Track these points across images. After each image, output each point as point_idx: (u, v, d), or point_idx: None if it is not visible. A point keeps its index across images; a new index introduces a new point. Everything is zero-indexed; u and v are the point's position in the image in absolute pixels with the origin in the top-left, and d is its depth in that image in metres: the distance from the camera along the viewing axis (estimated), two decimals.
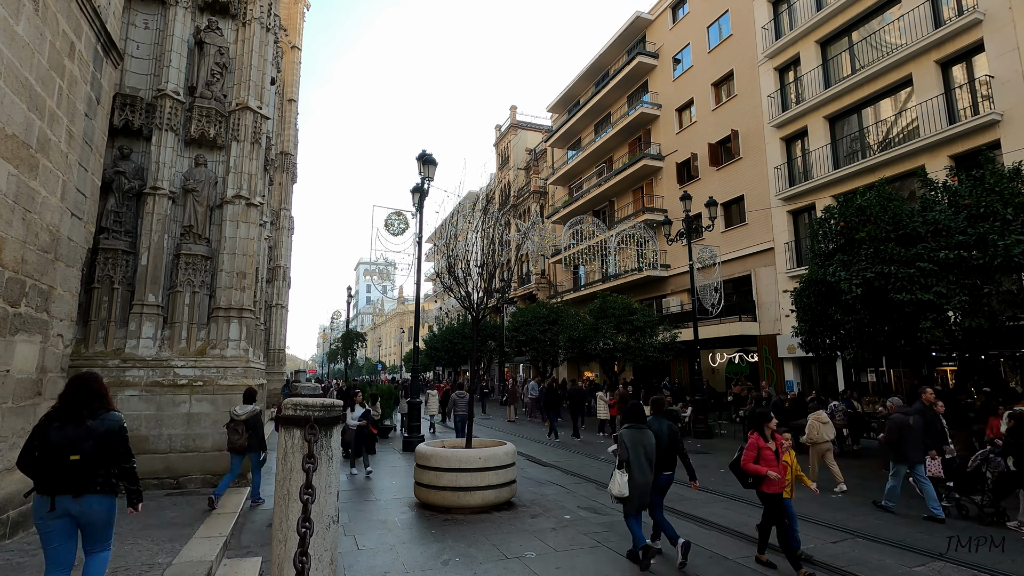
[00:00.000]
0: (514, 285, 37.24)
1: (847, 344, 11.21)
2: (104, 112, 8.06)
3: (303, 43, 26.35)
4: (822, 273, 10.78)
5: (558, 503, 8.29)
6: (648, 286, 25.68)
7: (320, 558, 3.42)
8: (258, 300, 12.21)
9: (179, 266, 9.10)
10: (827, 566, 5.60)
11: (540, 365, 26.92)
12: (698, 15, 24.56)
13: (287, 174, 23.64)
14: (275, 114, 17.97)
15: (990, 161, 10.36)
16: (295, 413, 3.55)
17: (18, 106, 5.42)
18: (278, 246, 22.57)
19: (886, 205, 10.36)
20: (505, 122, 43.73)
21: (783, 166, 19.78)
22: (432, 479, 7.73)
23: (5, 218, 5.25)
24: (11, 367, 5.45)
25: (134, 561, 4.97)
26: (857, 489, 9.33)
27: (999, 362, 14.14)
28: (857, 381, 16.86)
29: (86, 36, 6.94)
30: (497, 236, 10.06)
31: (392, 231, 18.68)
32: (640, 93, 28.47)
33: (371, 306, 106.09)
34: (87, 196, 7.43)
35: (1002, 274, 9.18)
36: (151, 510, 6.89)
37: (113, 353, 8.46)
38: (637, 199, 27.51)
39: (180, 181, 9.39)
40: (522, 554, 5.94)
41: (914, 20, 15.85)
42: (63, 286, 6.67)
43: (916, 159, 15.25)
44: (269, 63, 10.79)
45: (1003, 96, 13.68)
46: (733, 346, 21.32)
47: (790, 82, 20.25)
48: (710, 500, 8.56)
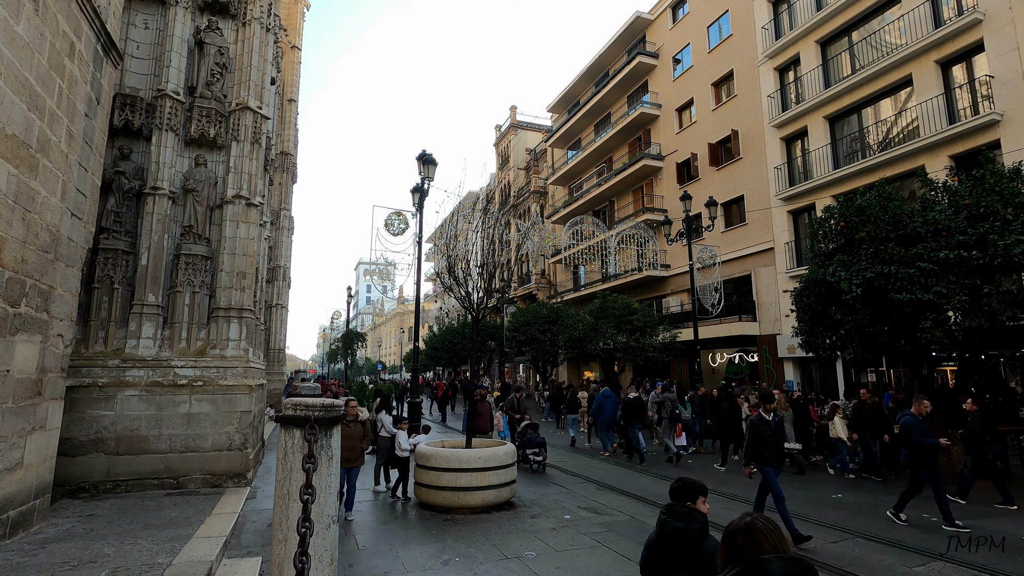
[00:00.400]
0: (514, 285, 37.24)
1: (847, 344, 11.21)
2: (104, 112, 8.05)
3: (303, 43, 26.35)
4: (822, 273, 10.78)
5: (558, 503, 8.29)
6: (648, 286, 25.67)
7: (320, 558, 3.42)
8: (258, 300, 12.20)
9: (179, 266, 9.10)
10: (827, 566, 5.60)
11: (540, 365, 26.92)
12: (698, 15, 24.56)
13: (287, 174, 23.63)
14: (275, 114, 17.96)
15: (990, 161, 10.36)
16: (295, 413, 3.55)
17: (18, 106, 5.41)
18: (278, 246, 22.56)
19: (886, 205, 10.35)
20: (505, 122, 43.73)
21: (783, 166, 19.77)
22: (432, 479, 7.73)
23: (5, 218, 5.25)
24: (11, 367, 5.44)
25: (134, 561, 4.97)
26: (858, 489, 9.33)
27: (999, 362, 14.13)
28: (857, 381, 16.85)
29: (86, 36, 6.94)
30: (497, 236, 10.07)
31: (392, 231, 18.68)
32: (640, 93, 28.47)
33: (371, 306, 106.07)
34: (87, 196, 7.43)
35: (1002, 274, 9.18)
36: (151, 510, 6.90)
37: (113, 353, 8.46)
38: (637, 199, 27.50)
39: (180, 181, 9.39)
40: (522, 554, 5.94)
41: (914, 20, 15.84)
42: (63, 286, 6.67)
43: (916, 159, 15.25)
44: (269, 63, 10.79)
45: (1003, 96, 13.68)
46: (733, 346, 21.31)
47: (790, 82, 20.24)
48: (710, 500, 8.55)
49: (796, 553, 1.43)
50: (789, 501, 6.68)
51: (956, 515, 7.05)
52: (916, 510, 7.84)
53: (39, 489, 6.01)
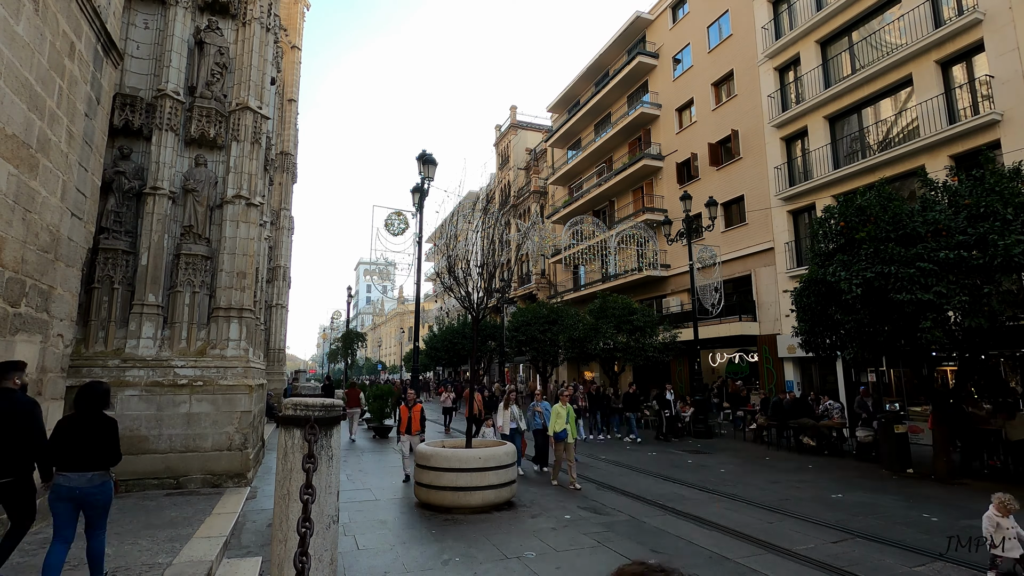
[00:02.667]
0: (514, 285, 37.24)
1: (847, 344, 11.20)
2: (104, 112, 8.06)
3: (303, 43, 26.35)
4: (822, 273, 10.77)
5: (558, 503, 8.29)
6: (648, 286, 25.67)
7: (320, 558, 3.42)
8: (258, 300, 12.20)
9: (179, 266, 9.10)
10: (827, 566, 5.60)
11: (540, 365, 26.90)
12: (698, 15, 24.55)
13: (287, 174, 23.63)
14: (275, 114, 17.96)
15: (990, 161, 10.35)
16: (295, 413, 3.55)
17: (18, 106, 5.42)
18: (278, 246, 22.57)
19: (886, 205, 10.35)
20: (505, 122, 43.72)
21: (783, 166, 19.77)
22: (432, 479, 7.73)
23: (5, 218, 5.25)
24: None
25: (134, 561, 4.97)
26: (856, 490, 9.33)
27: (999, 362, 14.13)
28: (857, 381, 16.85)
29: (86, 36, 6.94)
30: (497, 236, 10.07)
31: (392, 231, 18.69)
32: (640, 93, 28.47)
33: (371, 306, 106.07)
34: (87, 196, 7.43)
35: (1002, 274, 9.17)
36: (151, 510, 6.90)
37: (113, 353, 8.47)
38: (637, 199, 27.50)
39: (180, 181, 9.39)
40: (522, 554, 5.94)
41: (914, 20, 15.84)
42: (63, 286, 6.67)
43: (916, 159, 15.25)
44: (269, 63, 10.79)
45: (1003, 96, 13.67)
46: (733, 346, 21.32)
47: (790, 82, 20.24)
48: (710, 500, 8.56)
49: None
50: (791, 501, 6.69)
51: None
52: (916, 510, 7.85)
53: (39, 489, 6.00)
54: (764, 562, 5.76)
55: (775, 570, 5.54)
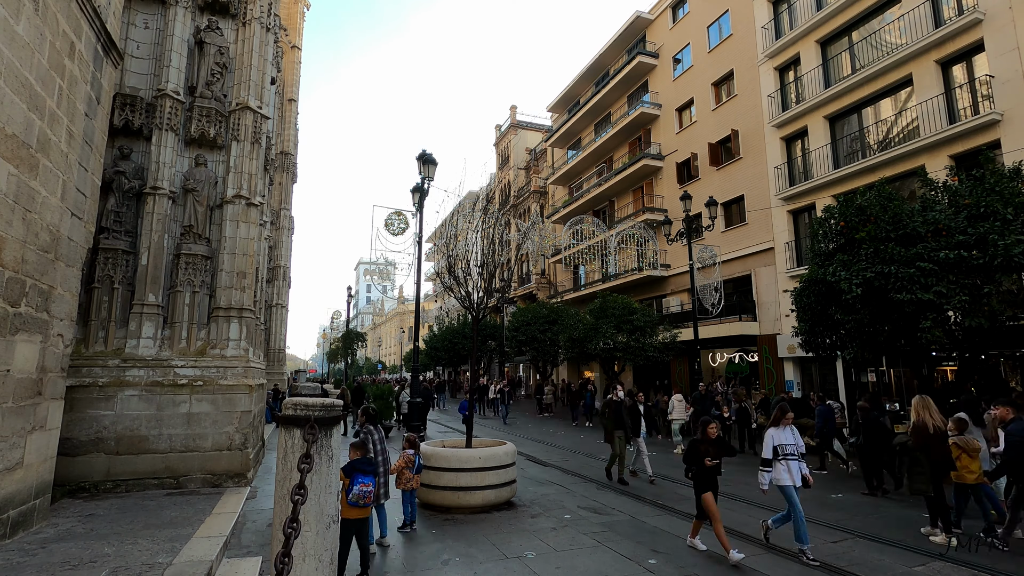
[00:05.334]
0: (514, 285, 37.23)
1: (847, 344, 11.21)
2: (104, 112, 8.05)
3: (303, 43, 26.36)
4: (822, 273, 10.77)
5: (558, 503, 8.29)
6: (648, 286, 25.67)
7: (320, 558, 3.42)
8: (258, 300, 12.20)
9: (179, 266, 9.10)
10: (827, 566, 5.61)
11: (540, 365, 26.91)
12: (698, 15, 24.54)
13: (287, 174, 23.65)
14: (275, 114, 17.96)
15: (990, 161, 10.36)
16: (295, 413, 3.55)
17: (18, 106, 5.41)
18: (278, 246, 22.58)
19: (886, 205, 10.35)
20: (505, 122, 43.71)
21: (783, 166, 19.77)
22: (432, 479, 7.73)
23: (5, 218, 5.25)
24: (11, 367, 5.44)
25: (134, 561, 4.97)
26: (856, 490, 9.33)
27: (999, 362, 14.13)
28: (857, 381, 16.85)
29: (86, 36, 6.94)
30: (497, 236, 10.06)
31: (392, 231, 18.67)
32: (640, 93, 28.45)
33: (371, 306, 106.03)
34: (87, 196, 7.42)
35: (1002, 274, 9.17)
36: (151, 510, 6.90)
37: (113, 353, 8.46)
38: (637, 199, 27.49)
39: (180, 181, 9.39)
40: (522, 554, 5.94)
41: (914, 20, 15.83)
42: (63, 286, 6.67)
43: (916, 159, 15.24)
44: (269, 63, 10.79)
45: (1003, 96, 13.67)
46: (733, 346, 21.31)
47: (790, 82, 20.23)
48: None
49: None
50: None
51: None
52: (917, 510, 7.84)
53: (39, 489, 6.01)
54: (764, 562, 5.77)
55: (775, 570, 5.54)
